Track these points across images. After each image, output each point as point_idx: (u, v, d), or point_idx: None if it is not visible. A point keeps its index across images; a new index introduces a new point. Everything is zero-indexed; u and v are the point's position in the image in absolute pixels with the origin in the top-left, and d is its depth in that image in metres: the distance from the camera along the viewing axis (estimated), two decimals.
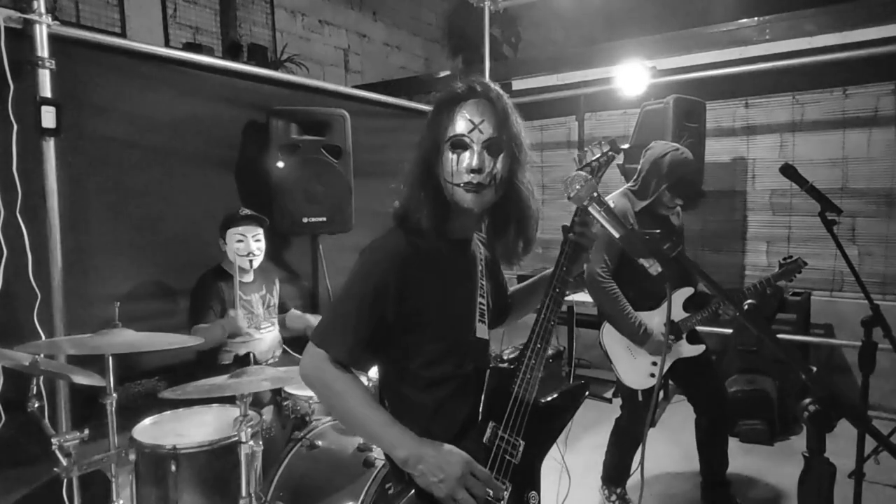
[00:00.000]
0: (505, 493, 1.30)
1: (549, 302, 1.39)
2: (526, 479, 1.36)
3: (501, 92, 1.36)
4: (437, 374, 1.35)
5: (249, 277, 2.87)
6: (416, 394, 1.36)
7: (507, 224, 1.40)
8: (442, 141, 1.31)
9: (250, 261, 2.79)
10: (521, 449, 1.34)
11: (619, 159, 4.09)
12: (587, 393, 1.55)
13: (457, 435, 1.31)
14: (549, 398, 1.44)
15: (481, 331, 1.43)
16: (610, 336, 2.74)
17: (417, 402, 1.36)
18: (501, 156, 1.32)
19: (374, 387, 1.68)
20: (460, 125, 1.30)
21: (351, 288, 1.31)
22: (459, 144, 1.30)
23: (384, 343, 1.34)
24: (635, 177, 2.77)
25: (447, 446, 1.25)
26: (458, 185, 1.30)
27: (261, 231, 2.85)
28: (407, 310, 1.30)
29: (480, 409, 1.33)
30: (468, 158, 1.29)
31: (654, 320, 2.68)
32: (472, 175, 1.29)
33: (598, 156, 1.42)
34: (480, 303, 1.44)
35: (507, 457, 1.33)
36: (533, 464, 1.39)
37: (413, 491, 1.27)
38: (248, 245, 2.78)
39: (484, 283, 1.46)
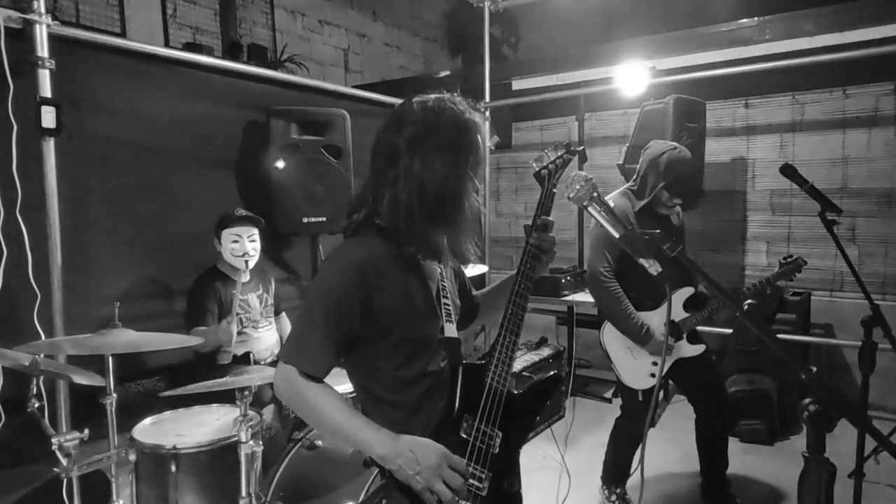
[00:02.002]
0: (485, 482, 1.33)
1: (515, 297, 1.43)
2: (506, 467, 1.39)
3: None
4: (409, 375, 1.38)
5: (246, 277, 2.85)
6: (391, 395, 1.39)
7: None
8: (477, 163, 1.38)
9: (246, 262, 2.77)
10: (498, 439, 1.37)
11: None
12: (560, 382, 1.60)
13: (435, 430, 1.33)
14: (523, 388, 1.48)
15: (450, 330, 1.45)
16: (610, 336, 2.74)
17: (393, 402, 1.39)
18: None
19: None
20: (482, 150, 1.40)
21: (314, 301, 1.34)
22: (480, 170, 1.41)
23: (355, 349, 1.36)
24: (634, 176, 2.78)
25: (423, 439, 1.28)
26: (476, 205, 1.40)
27: (256, 232, 2.84)
28: (373, 314, 1.32)
29: (456, 404, 1.36)
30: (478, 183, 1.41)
31: (654, 320, 2.68)
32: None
33: (553, 158, 1.47)
34: (445, 303, 1.46)
35: (486, 448, 1.35)
36: (512, 453, 1.42)
37: (394, 488, 1.29)
38: (244, 246, 2.77)
39: (446, 283, 1.50)
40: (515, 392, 1.43)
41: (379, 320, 1.33)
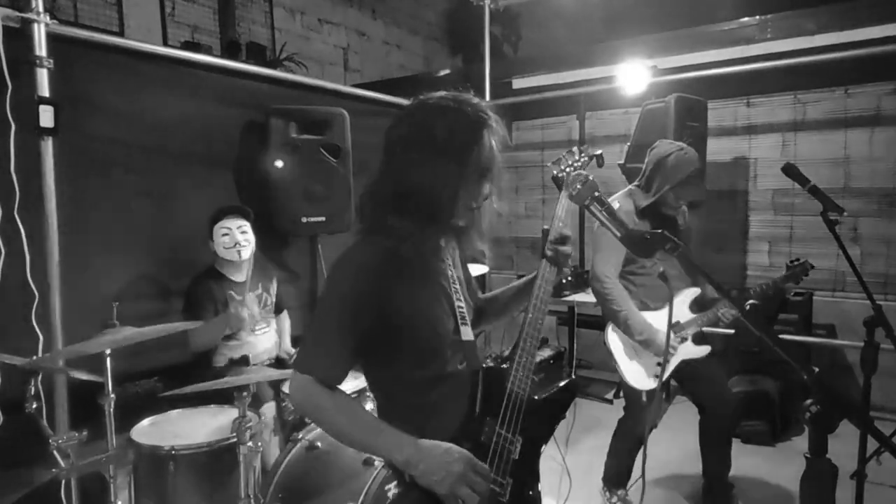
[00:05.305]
0: (506, 487, 1.32)
1: (537, 301, 1.43)
2: (526, 473, 1.38)
3: None
4: (427, 376, 1.36)
5: (242, 276, 2.74)
6: (408, 397, 1.37)
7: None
8: (479, 169, 1.32)
9: (238, 252, 2.71)
10: (518, 445, 1.36)
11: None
12: (578, 387, 1.59)
13: (454, 434, 1.31)
14: (543, 394, 1.47)
15: (466, 333, 1.44)
16: (615, 337, 2.71)
17: (411, 405, 1.37)
18: None
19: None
20: (496, 157, 1.33)
21: (327, 306, 1.32)
22: (487, 175, 1.34)
23: (370, 352, 1.34)
24: (640, 175, 2.77)
25: (446, 444, 1.26)
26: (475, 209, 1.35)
27: (246, 223, 2.78)
28: (388, 317, 1.30)
29: (477, 408, 1.34)
30: (489, 187, 1.35)
31: (658, 321, 2.66)
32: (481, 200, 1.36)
33: (570, 161, 1.47)
34: (459, 306, 1.44)
35: (506, 453, 1.34)
36: (532, 459, 1.41)
37: (415, 492, 1.26)
38: (234, 237, 2.71)
39: (458, 286, 1.48)
40: (536, 398, 1.42)
41: (393, 321, 1.31)
